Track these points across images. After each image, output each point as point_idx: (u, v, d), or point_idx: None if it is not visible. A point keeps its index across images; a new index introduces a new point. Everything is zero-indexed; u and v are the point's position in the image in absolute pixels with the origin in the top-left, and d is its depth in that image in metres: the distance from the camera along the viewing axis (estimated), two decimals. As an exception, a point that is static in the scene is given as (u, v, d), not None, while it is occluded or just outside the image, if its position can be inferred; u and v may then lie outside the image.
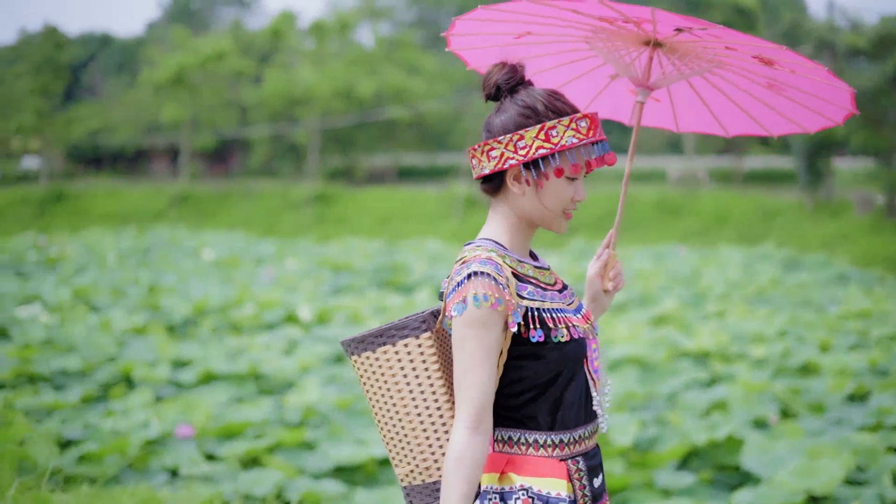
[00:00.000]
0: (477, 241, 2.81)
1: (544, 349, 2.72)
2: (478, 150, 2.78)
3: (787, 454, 7.33)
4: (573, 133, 2.72)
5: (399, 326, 2.81)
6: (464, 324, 2.64)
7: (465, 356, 2.64)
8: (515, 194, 2.78)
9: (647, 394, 9.82)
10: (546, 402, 2.74)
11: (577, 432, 2.79)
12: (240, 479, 7.01)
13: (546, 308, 2.75)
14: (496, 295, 2.63)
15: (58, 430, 8.26)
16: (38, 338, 12.46)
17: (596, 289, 3.14)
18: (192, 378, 10.75)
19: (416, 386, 2.80)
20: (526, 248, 2.87)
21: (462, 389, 2.64)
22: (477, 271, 2.66)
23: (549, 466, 2.73)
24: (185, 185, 44.26)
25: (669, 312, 15.65)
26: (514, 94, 2.79)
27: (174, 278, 19.49)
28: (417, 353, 2.80)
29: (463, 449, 2.59)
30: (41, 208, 42.29)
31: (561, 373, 2.73)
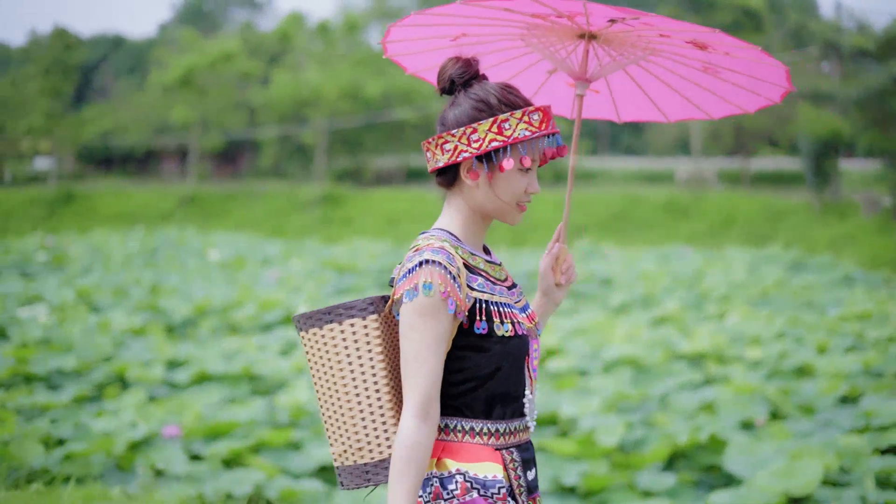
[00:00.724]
0: (431, 230, 2.85)
1: (488, 342, 2.75)
2: (432, 144, 2.82)
3: (771, 456, 7.33)
4: (526, 126, 2.77)
5: (347, 306, 2.84)
6: (413, 311, 2.67)
7: (413, 344, 2.67)
8: (469, 187, 2.81)
9: (639, 395, 9.81)
10: (484, 393, 2.77)
11: (513, 424, 2.82)
12: (220, 479, 7.04)
13: (494, 301, 2.78)
14: (446, 285, 2.67)
15: (47, 429, 8.29)
16: (35, 338, 12.51)
17: (548, 282, 3.15)
18: (187, 378, 10.79)
19: (358, 367, 2.82)
20: (480, 241, 2.90)
21: (410, 378, 2.67)
22: (429, 259, 2.69)
23: (485, 453, 2.76)
24: (193, 186, 44.40)
25: (670, 314, 15.65)
26: (467, 87, 2.83)
27: (177, 279, 19.55)
28: (362, 334, 2.82)
29: (413, 437, 2.62)
30: (51, 209, 42.46)
31: (501, 367, 2.76)
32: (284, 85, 44.39)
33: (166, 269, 21.60)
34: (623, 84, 3.41)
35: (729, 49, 3.03)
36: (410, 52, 3.30)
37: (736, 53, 3.05)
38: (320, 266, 22.44)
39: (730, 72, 3.20)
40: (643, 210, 35.09)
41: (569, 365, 11.35)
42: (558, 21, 3.01)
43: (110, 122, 53.08)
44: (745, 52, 3.01)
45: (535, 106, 2.80)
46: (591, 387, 10.13)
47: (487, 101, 2.78)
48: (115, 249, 26.19)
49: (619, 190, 38.79)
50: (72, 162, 55.13)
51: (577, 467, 7.32)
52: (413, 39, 3.23)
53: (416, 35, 3.21)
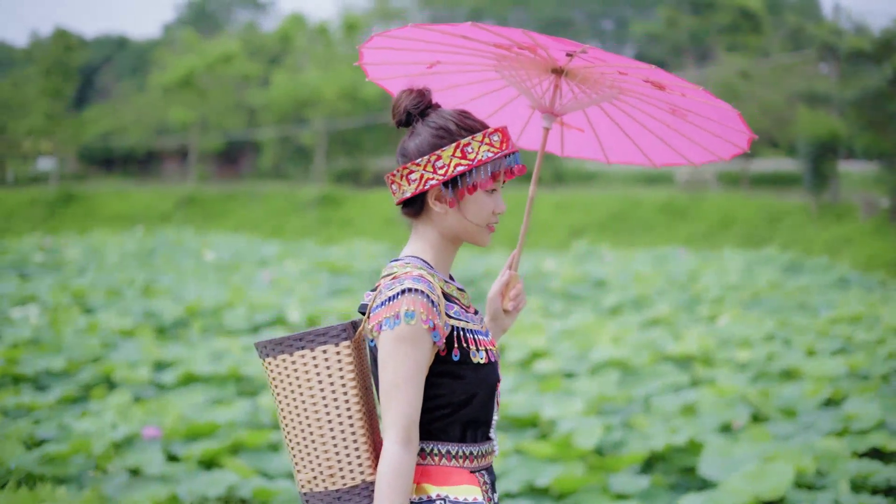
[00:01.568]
0: (404, 258, 2.88)
1: (464, 369, 2.80)
2: (396, 176, 2.85)
3: (745, 459, 7.35)
4: (487, 147, 2.82)
5: (319, 332, 2.84)
6: (395, 340, 2.69)
7: (394, 372, 2.69)
8: (439, 214, 2.86)
9: (621, 397, 9.83)
10: (459, 418, 2.82)
11: (484, 447, 2.88)
12: (194, 480, 7.06)
13: (470, 329, 2.84)
14: (429, 313, 2.70)
15: (29, 430, 8.32)
16: (25, 338, 12.54)
17: (496, 308, 3.18)
18: (174, 379, 10.82)
19: (330, 393, 2.83)
20: (448, 268, 2.95)
21: (392, 406, 2.69)
22: (411, 288, 2.71)
23: (463, 476, 2.81)
24: (193, 187, 44.44)
25: (662, 316, 15.67)
26: (424, 117, 2.88)
27: (171, 280, 19.59)
28: (335, 361, 2.83)
29: (398, 465, 2.64)
30: (51, 210, 42.54)
31: (476, 394, 2.82)
32: (284, 86, 44.45)
33: (161, 270, 21.63)
34: (604, 123, 3.46)
35: (682, 90, 3.07)
36: (392, 77, 3.35)
37: (689, 94, 3.09)
38: (315, 267, 22.46)
39: (694, 115, 3.24)
40: (642, 212, 35.09)
41: (555, 367, 11.37)
42: (521, 52, 3.06)
43: (111, 123, 53.20)
44: (693, 92, 3.04)
45: (493, 128, 2.86)
46: (574, 389, 10.15)
47: (447, 127, 2.83)
48: (113, 250, 26.23)
49: (617, 191, 38.77)
50: (74, 162, 55.23)
51: (551, 469, 7.34)
52: (390, 63, 3.28)
53: (392, 59, 3.26)
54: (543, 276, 20.92)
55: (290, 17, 46.85)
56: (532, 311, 16.18)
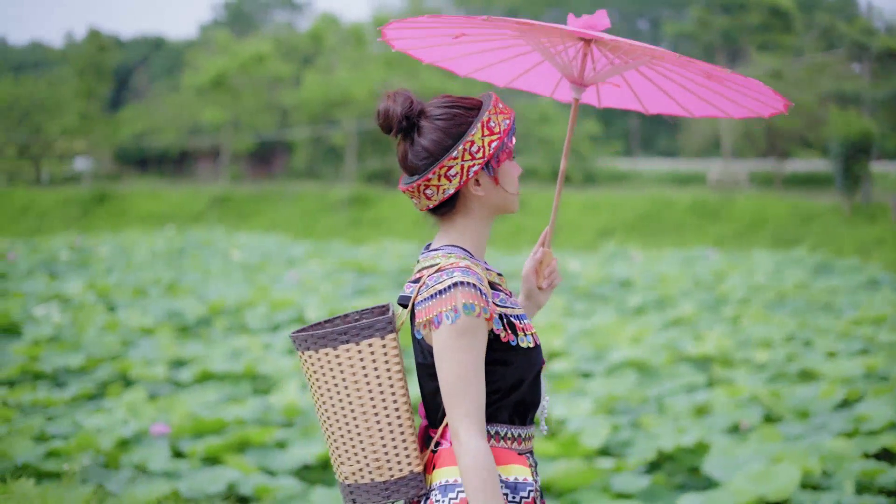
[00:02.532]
0: (442, 248, 2.85)
1: (512, 355, 2.79)
2: (433, 178, 2.79)
3: (752, 459, 7.30)
4: (503, 116, 2.81)
5: (364, 326, 2.82)
6: (457, 332, 2.68)
7: (458, 365, 2.68)
8: (479, 197, 2.84)
9: (632, 397, 9.80)
10: (509, 403, 2.81)
11: (529, 430, 2.88)
12: (195, 477, 7.10)
13: (515, 315, 2.83)
14: (482, 304, 2.69)
15: (42, 426, 8.40)
16: (47, 336, 12.67)
17: (531, 285, 3.19)
18: (190, 377, 10.89)
19: (377, 385, 2.81)
20: (483, 253, 2.92)
21: (461, 399, 2.67)
22: (463, 281, 2.70)
23: (513, 456, 2.80)
24: (225, 187, 44.67)
25: (685, 316, 15.60)
26: (423, 115, 2.82)
27: (196, 279, 19.69)
28: (381, 353, 2.82)
29: (484, 456, 2.64)
30: (84, 209, 42.86)
31: (524, 378, 2.81)
32: (315, 86, 44.58)
33: (188, 270, 21.75)
34: (641, 81, 3.40)
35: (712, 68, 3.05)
36: (418, 47, 3.32)
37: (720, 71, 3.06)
38: (340, 267, 22.51)
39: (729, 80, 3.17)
40: (672, 212, 34.92)
41: (571, 367, 11.35)
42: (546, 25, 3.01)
43: (146, 123, 53.59)
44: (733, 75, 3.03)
45: (491, 96, 2.83)
46: (587, 389, 10.13)
47: (457, 114, 2.80)
48: (142, 249, 26.41)
49: (648, 192, 38.61)
50: (109, 162, 55.67)
51: (553, 467, 7.32)
52: (415, 38, 3.25)
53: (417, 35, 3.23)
54: (568, 276, 20.86)
55: (322, 18, 47.03)
56: (554, 311, 16.15)
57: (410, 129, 2.82)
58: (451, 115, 2.79)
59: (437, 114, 2.80)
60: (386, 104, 2.82)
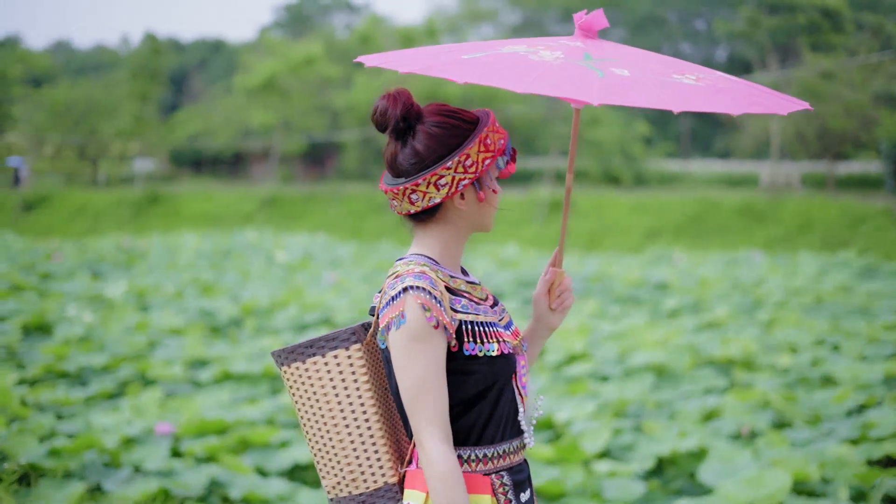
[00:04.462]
0: (408, 256, 2.85)
1: (475, 364, 2.75)
2: (421, 184, 2.76)
3: (750, 465, 7.25)
4: (498, 135, 2.80)
5: (329, 338, 2.84)
6: (407, 339, 2.67)
7: (413, 372, 2.66)
8: (459, 211, 2.83)
9: (644, 401, 9.76)
10: (472, 417, 2.77)
11: (502, 447, 2.82)
12: (187, 476, 7.19)
13: (479, 322, 2.79)
14: (433, 310, 2.67)
15: (53, 424, 8.53)
16: (77, 336, 12.86)
17: (542, 307, 3.11)
18: (209, 377, 11.01)
19: (346, 398, 2.82)
20: (457, 262, 2.91)
21: (422, 406, 2.66)
22: (412, 285, 2.69)
23: (472, 482, 2.76)
24: (275, 188, 44.97)
25: (718, 320, 15.46)
26: (420, 120, 2.80)
27: (235, 280, 19.85)
28: (347, 365, 2.82)
29: (448, 463, 2.62)
30: (137, 210, 43.38)
31: (490, 388, 2.77)
32: (365, 88, 44.80)
33: (229, 271, 21.93)
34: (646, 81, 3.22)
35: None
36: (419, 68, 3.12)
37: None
38: (379, 269, 22.58)
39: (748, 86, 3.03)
40: (720, 214, 34.59)
41: (589, 370, 11.30)
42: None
43: (200, 125, 54.16)
44: None
45: (489, 114, 2.84)
46: (600, 392, 10.08)
47: (456, 125, 2.77)
48: (188, 250, 26.67)
49: (698, 194, 38.29)
50: (165, 164, 56.33)
51: (546, 472, 7.31)
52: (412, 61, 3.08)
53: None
54: (606, 278, 20.78)
55: (369, 19, 47.18)
56: (585, 314, 16.09)
57: (406, 130, 2.81)
58: (449, 125, 2.77)
59: (435, 121, 2.78)
60: (385, 103, 2.81)
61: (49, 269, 20.73)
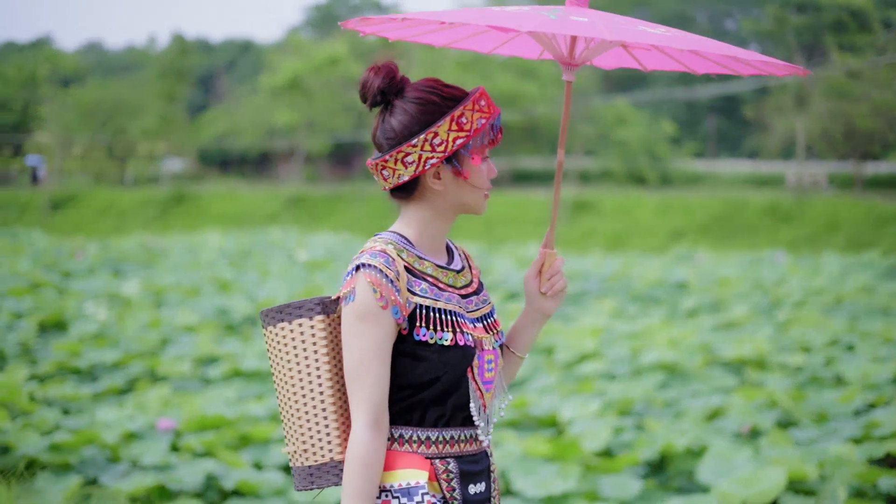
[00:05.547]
0: (383, 233, 2.82)
1: (426, 350, 2.71)
2: (389, 161, 2.74)
3: (747, 464, 7.20)
4: (479, 115, 2.74)
5: (296, 305, 2.82)
6: (353, 316, 2.66)
7: (355, 351, 2.66)
8: (436, 191, 2.78)
9: (650, 399, 9.71)
10: (419, 401, 2.74)
11: (449, 432, 2.77)
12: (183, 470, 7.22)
13: (437, 308, 2.74)
14: (382, 289, 2.64)
15: (58, 419, 8.58)
16: (91, 333, 12.94)
17: (532, 290, 3.01)
18: (219, 374, 11.04)
19: (305, 367, 2.79)
20: (436, 244, 2.85)
21: (357, 387, 2.65)
22: (366, 263, 2.68)
23: (410, 460, 2.74)
24: (300, 188, 45.13)
25: (735, 319, 15.36)
26: (400, 94, 2.76)
27: (254, 278, 19.90)
28: (309, 335, 2.78)
29: (367, 450, 2.61)
30: (162, 209, 43.63)
31: (439, 378, 2.72)
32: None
33: (249, 269, 21.99)
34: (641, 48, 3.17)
35: None
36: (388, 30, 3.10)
37: None
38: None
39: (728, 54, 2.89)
40: (745, 214, 34.41)
41: (599, 369, 11.26)
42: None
43: (227, 125, 54.40)
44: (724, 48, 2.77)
45: (477, 91, 2.76)
46: (607, 390, 10.03)
47: (432, 101, 2.72)
48: (210, 249, 26.77)
49: (724, 193, 38.11)
50: (193, 164, 56.65)
51: (545, 470, 7.28)
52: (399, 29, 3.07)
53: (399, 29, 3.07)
54: (625, 278, 20.71)
55: (396, 20, 47.17)
56: (602, 313, 16.04)
57: (385, 105, 2.78)
58: (424, 101, 2.72)
59: (412, 97, 2.74)
60: (367, 75, 2.78)
61: (70, 267, 20.89)
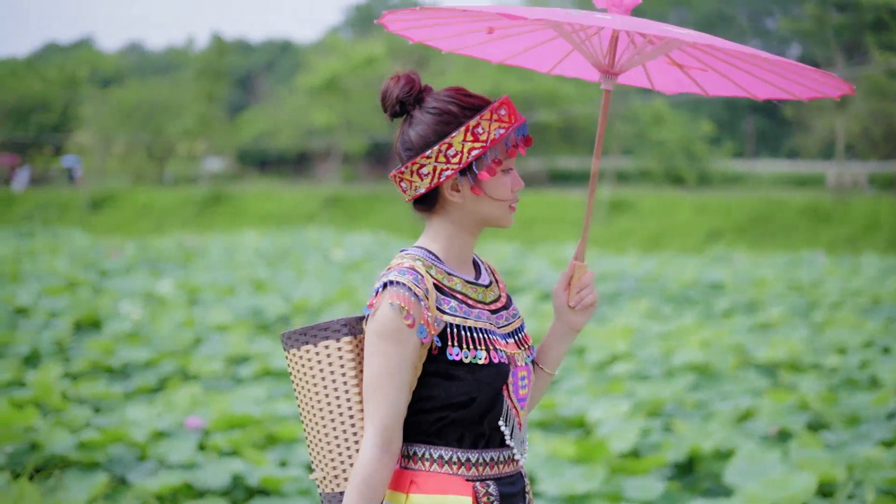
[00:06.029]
0: (410, 248, 2.75)
1: (459, 370, 2.63)
2: (405, 173, 2.69)
3: (776, 466, 7.11)
4: (498, 124, 2.66)
5: (322, 327, 2.75)
6: (374, 335, 2.58)
7: (373, 370, 2.58)
8: (455, 204, 2.71)
9: (680, 401, 9.64)
10: (457, 423, 2.65)
11: (489, 454, 2.70)
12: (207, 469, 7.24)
13: (467, 326, 2.66)
14: (409, 307, 2.56)
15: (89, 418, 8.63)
16: (125, 332, 13.02)
17: (560, 304, 2.92)
18: (250, 373, 11.07)
19: (333, 391, 2.71)
20: (464, 258, 2.78)
21: (370, 404, 2.58)
22: (394, 280, 2.60)
23: (452, 484, 2.64)
24: (338, 187, 45.24)
25: (770, 321, 15.23)
26: (420, 104, 2.71)
27: (290, 278, 19.94)
28: (336, 357, 2.71)
29: (372, 469, 2.54)
30: (201, 209, 43.86)
31: (475, 398, 2.63)
32: (426, 87, 44.86)
33: (285, 269, 22.05)
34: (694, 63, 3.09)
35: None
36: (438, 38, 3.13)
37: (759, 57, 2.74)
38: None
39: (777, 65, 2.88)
40: (784, 215, 34.12)
41: (630, 370, 11.19)
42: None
43: (265, 125, 54.65)
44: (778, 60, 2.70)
45: (497, 101, 2.69)
46: (636, 392, 9.97)
47: (449, 111, 2.66)
48: (247, 249, 26.87)
49: (762, 194, 37.81)
50: (232, 163, 56.97)
51: (570, 471, 7.24)
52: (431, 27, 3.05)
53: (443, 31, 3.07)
54: (660, 278, 20.60)
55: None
56: (636, 314, 15.96)
57: (403, 114, 2.73)
58: (441, 112, 2.67)
59: (430, 106, 2.69)
60: (387, 84, 2.74)
61: (107, 266, 21.04)
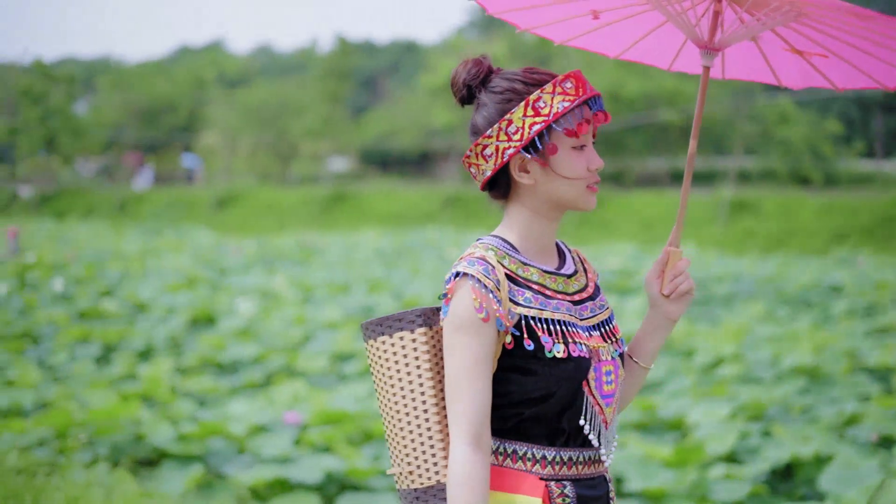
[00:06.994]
0: (485, 238, 2.67)
1: (536, 363, 2.52)
2: (471, 156, 2.63)
3: (874, 474, 6.93)
4: (561, 98, 2.54)
5: (397, 318, 2.67)
6: (451, 329, 2.51)
7: (453, 365, 2.50)
8: (528, 186, 2.61)
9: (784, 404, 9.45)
10: (535, 419, 2.56)
11: (567, 453, 2.59)
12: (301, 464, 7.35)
13: (543, 318, 2.55)
14: (481, 300, 2.47)
15: (191, 411, 8.84)
16: (237, 328, 13.28)
17: (654, 293, 2.79)
18: (354, 371, 11.19)
19: (408, 384, 2.62)
20: (543, 246, 2.68)
21: (455, 401, 2.49)
22: (463, 272, 2.53)
23: (522, 482, 2.54)
24: (457, 187, 45.30)
25: (889, 324, 14.76)
26: (486, 86, 2.64)
27: (404, 276, 20.07)
28: (411, 349, 2.62)
29: (467, 469, 2.43)
30: (323, 208, 44.37)
31: (553, 393, 2.53)
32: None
33: (401, 268, 22.19)
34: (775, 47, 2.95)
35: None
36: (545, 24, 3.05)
37: None
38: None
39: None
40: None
41: (737, 372, 11.00)
42: None
43: (388, 125, 55.12)
44: None
45: (562, 75, 2.58)
46: (740, 395, 9.79)
47: (513, 88, 2.57)
48: (366, 248, 27.13)
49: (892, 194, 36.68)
50: (355, 163, 57.57)
51: (663, 474, 7.17)
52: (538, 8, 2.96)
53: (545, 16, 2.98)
54: (778, 280, 20.18)
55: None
56: (750, 316, 15.68)
57: (472, 99, 2.67)
58: (505, 89, 2.59)
59: (495, 86, 2.62)
60: (456, 69, 2.70)
61: (227, 264, 21.46)
